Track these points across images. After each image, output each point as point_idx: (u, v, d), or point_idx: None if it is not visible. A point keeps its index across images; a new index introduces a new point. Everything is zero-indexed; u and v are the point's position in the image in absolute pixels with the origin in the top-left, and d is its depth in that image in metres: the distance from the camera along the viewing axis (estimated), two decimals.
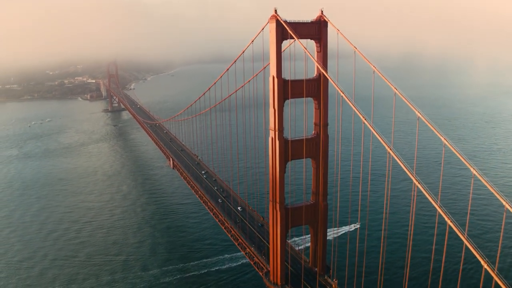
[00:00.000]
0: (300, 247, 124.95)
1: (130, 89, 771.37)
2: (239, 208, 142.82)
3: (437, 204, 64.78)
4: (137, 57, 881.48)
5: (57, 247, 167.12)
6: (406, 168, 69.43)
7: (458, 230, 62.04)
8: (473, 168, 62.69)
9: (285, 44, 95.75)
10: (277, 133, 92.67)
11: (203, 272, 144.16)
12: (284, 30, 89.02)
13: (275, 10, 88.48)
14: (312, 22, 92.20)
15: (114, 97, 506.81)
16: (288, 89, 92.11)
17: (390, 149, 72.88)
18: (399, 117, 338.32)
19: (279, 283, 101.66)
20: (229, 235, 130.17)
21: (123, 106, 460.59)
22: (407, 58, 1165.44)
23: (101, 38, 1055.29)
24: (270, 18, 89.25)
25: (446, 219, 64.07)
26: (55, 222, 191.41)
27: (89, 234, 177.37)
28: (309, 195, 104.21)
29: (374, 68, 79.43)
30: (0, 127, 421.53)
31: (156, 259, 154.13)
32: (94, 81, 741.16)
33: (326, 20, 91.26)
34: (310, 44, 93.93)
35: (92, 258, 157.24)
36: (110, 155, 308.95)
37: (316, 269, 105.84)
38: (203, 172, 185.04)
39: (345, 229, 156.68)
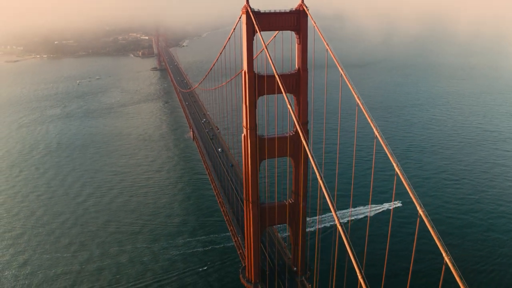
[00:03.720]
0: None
1: (183, 45, 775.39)
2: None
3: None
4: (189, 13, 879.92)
5: (79, 213, 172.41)
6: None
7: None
8: (396, 164, 58.95)
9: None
10: (248, 131, 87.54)
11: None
12: (259, 22, 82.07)
13: (247, 0, 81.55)
14: (290, 12, 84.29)
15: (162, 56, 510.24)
16: (264, 84, 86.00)
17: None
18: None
19: (253, 280, 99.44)
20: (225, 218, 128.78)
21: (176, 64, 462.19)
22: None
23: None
24: (242, 9, 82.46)
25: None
26: (81, 185, 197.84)
27: (110, 201, 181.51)
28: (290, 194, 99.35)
29: (341, 70, 71.83)
30: (50, 85, 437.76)
31: (169, 232, 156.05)
32: (147, 37, 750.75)
33: (306, 10, 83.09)
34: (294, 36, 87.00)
35: (108, 224, 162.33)
36: (147, 117, 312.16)
37: (295, 268, 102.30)
38: (219, 150, 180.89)
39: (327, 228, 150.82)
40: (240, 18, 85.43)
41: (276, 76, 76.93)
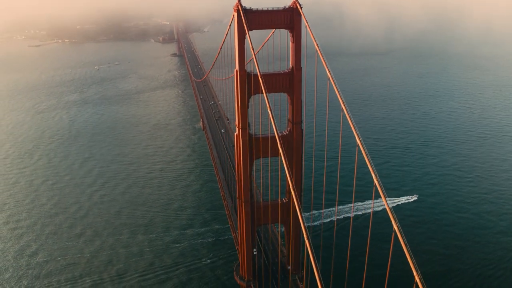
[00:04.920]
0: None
1: (204, 31, 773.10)
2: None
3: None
4: None
5: (92, 202, 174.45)
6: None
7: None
8: (375, 176, 56.53)
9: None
10: (240, 130, 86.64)
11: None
12: (250, 20, 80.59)
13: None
14: (284, 10, 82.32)
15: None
16: (257, 84, 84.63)
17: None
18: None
19: (246, 277, 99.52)
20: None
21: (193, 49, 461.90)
22: None
23: None
24: (234, 7, 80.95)
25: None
26: (96, 174, 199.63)
27: (123, 190, 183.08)
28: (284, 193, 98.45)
29: (328, 73, 70.07)
30: (69, 70, 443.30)
31: (179, 223, 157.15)
32: (168, 23, 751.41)
33: (299, 8, 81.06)
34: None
35: (120, 214, 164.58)
36: (162, 105, 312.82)
37: (289, 267, 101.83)
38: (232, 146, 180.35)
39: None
40: (232, 17, 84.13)
41: (259, 75, 75.31)
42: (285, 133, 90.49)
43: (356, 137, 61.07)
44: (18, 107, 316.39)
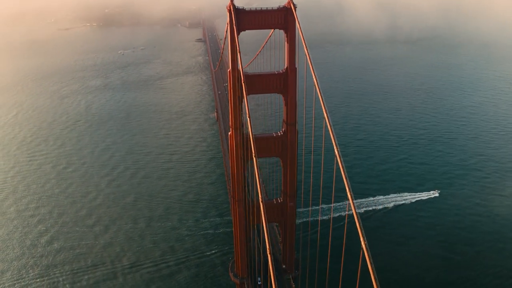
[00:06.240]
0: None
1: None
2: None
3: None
4: None
5: (109, 190, 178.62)
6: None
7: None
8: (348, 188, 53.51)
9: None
10: (233, 130, 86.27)
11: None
12: (241, 21, 79.60)
13: None
14: (278, 10, 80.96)
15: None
16: (251, 84, 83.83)
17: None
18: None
19: (240, 275, 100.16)
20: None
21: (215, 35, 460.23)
22: None
23: None
24: (227, 7, 80.00)
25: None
26: (114, 162, 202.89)
27: (140, 181, 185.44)
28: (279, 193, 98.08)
29: (316, 84, 68.60)
30: (95, 54, 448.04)
31: (194, 215, 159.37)
32: (195, 7, 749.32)
33: (293, 8, 79.41)
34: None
35: (136, 203, 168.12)
36: (182, 92, 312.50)
37: (284, 266, 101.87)
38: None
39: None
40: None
41: (242, 77, 74.41)
42: (280, 134, 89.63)
43: (333, 141, 59.84)
44: (41, 91, 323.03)
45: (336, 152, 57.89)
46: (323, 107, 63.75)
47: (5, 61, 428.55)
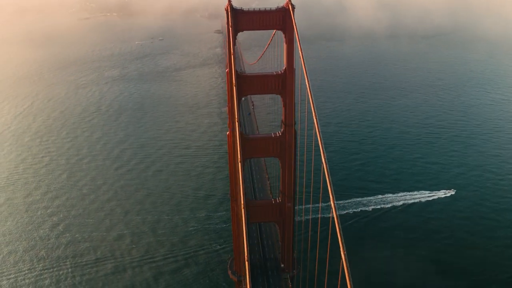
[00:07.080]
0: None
1: (251, 7, 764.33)
2: None
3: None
4: None
5: (121, 184, 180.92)
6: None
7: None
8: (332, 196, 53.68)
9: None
10: (231, 131, 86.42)
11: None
12: (239, 21, 79.40)
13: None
14: (276, 10, 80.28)
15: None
16: (249, 84, 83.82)
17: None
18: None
19: (238, 273, 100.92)
20: None
21: None
22: None
23: None
24: (225, 8, 79.83)
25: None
26: (127, 156, 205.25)
27: (152, 174, 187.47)
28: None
29: (308, 90, 68.17)
30: (113, 44, 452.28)
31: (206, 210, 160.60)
32: None
33: (291, 9, 78.69)
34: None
35: (148, 196, 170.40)
36: (197, 85, 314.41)
37: (283, 265, 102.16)
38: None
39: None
40: None
41: (233, 76, 74.31)
42: (278, 135, 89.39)
43: (319, 141, 59.65)
44: (58, 81, 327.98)
45: (322, 155, 57.84)
46: (312, 109, 63.76)
47: (24, 50, 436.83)
